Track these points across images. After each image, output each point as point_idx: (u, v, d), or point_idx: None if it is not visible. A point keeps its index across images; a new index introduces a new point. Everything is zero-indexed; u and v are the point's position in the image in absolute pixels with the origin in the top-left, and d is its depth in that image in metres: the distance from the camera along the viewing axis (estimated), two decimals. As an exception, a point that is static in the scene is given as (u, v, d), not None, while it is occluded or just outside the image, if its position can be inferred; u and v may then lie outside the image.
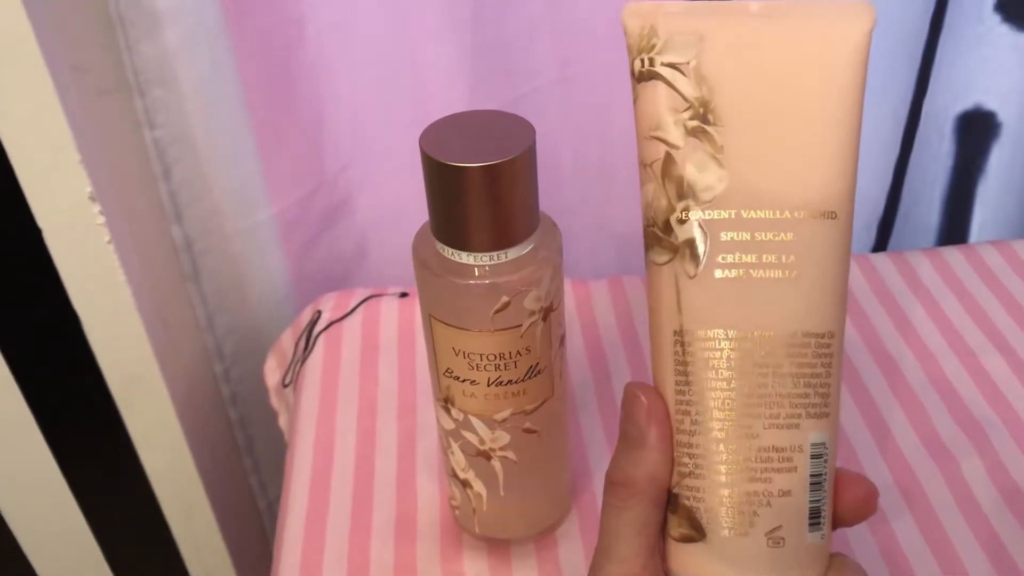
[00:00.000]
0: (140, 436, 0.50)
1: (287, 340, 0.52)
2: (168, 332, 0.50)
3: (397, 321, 0.49)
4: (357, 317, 0.50)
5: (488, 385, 0.33)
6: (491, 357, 0.32)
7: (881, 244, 0.57)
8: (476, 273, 0.31)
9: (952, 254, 0.50)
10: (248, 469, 0.61)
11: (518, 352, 0.33)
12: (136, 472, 0.52)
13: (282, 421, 0.51)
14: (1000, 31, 0.51)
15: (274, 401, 0.52)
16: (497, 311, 0.31)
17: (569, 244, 0.58)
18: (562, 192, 0.57)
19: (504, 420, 0.34)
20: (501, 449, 0.35)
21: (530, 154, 0.30)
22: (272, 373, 0.52)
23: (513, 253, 0.31)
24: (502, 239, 0.31)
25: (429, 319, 0.33)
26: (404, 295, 0.51)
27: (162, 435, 0.50)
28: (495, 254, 0.31)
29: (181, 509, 0.54)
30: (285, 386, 0.50)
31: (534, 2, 0.50)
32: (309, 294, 0.55)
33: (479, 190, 0.30)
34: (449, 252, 0.31)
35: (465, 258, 0.31)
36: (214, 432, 0.56)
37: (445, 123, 0.31)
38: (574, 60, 0.52)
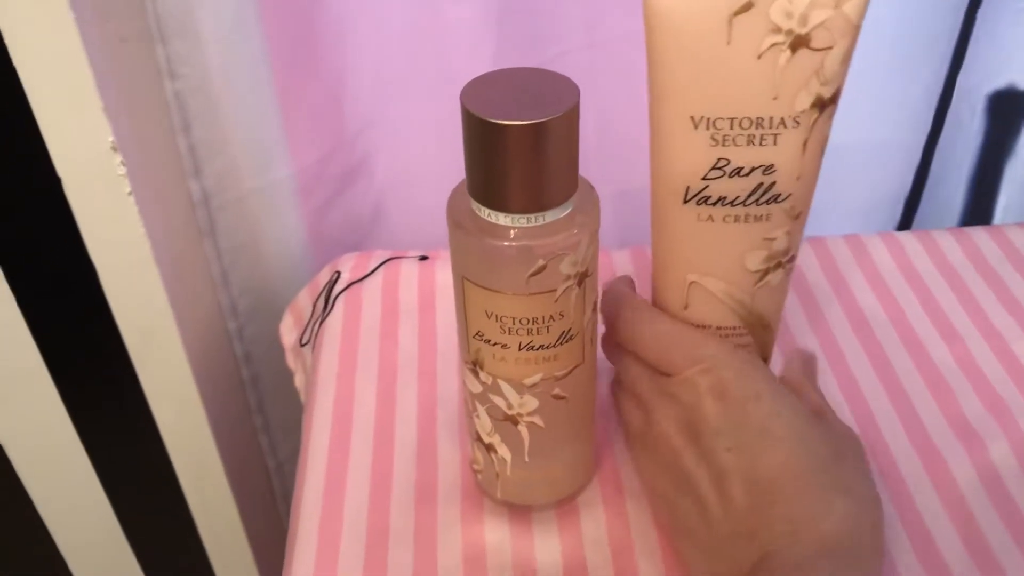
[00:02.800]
0: (153, 390, 0.50)
1: (304, 299, 0.51)
2: (184, 287, 0.49)
3: (417, 285, 0.49)
4: (377, 279, 0.49)
5: (519, 349, 0.33)
6: (524, 321, 0.32)
7: (906, 222, 0.57)
8: (512, 235, 0.30)
9: (979, 235, 0.50)
10: (259, 427, 0.61)
11: (551, 317, 0.32)
12: (148, 426, 0.51)
13: (298, 380, 0.50)
14: (1039, 9, 0.50)
15: (290, 360, 0.51)
16: (532, 274, 0.31)
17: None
18: (587, 160, 0.56)
19: (534, 385, 0.34)
20: (529, 414, 0.34)
21: (574, 114, 0.29)
22: (289, 332, 0.52)
23: (551, 216, 0.31)
24: (540, 201, 0.30)
25: (462, 281, 0.32)
26: (424, 258, 0.50)
27: (176, 390, 0.50)
28: (532, 216, 0.30)
29: (192, 465, 0.53)
30: (303, 345, 0.49)
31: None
32: (325, 255, 0.54)
33: (520, 149, 0.29)
34: (485, 212, 0.31)
35: (502, 219, 0.30)
36: (226, 390, 0.56)
37: (487, 79, 0.30)
38: (600, 26, 0.51)
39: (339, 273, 0.49)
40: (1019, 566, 0.35)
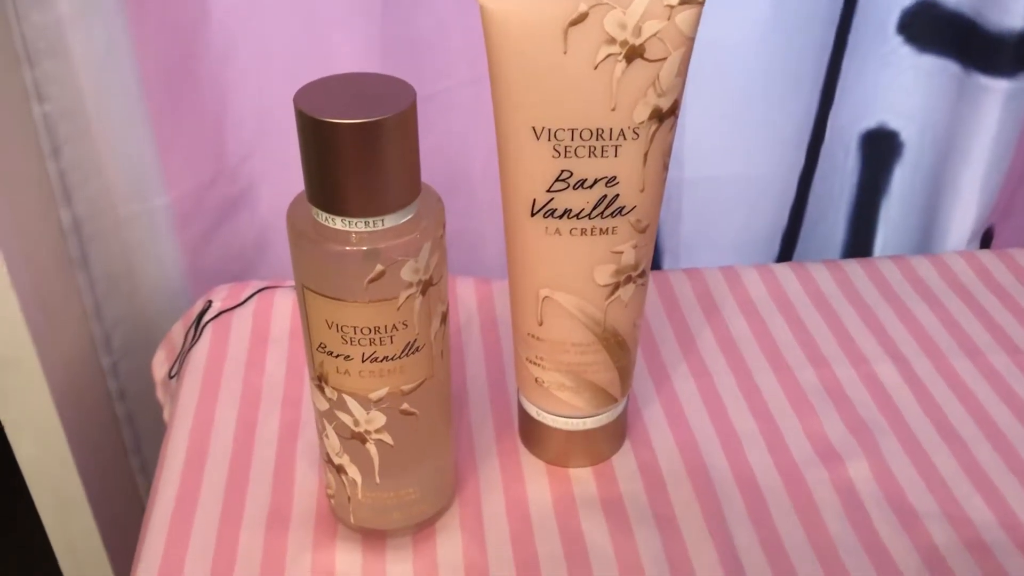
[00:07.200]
0: (12, 423, 0.48)
1: (177, 332, 0.50)
2: (49, 316, 0.48)
3: (290, 314, 0.48)
4: (249, 308, 0.48)
5: (362, 361, 0.32)
6: (365, 331, 0.31)
7: (786, 256, 0.58)
8: (351, 239, 0.30)
9: (851, 266, 0.51)
10: (135, 468, 0.58)
11: (394, 326, 0.31)
12: (7, 461, 0.49)
13: (166, 414, 0.49)
14: (903, 52, 0.52)
15: (160, 394, 0.50)
16: (371, 280, 0.30)
17: (477, 245, 0.57)
18: (474, 193, 0.56)
19: (380, 400, 0.33)
20: (376, 431, 0.34)
21: (409, 115, 0.29)
22: (160, 366, 0.50)
23: (391, 221, 0.30)
24: (378, 204, 0.30)
25: (303, 290, 0.32)
26: (301, 287, 0.49)
27: (37, 423, 0.48)
28: (371, 220, 0.30)
29: (55, 504, 0.51)
30: (171, 377, 0.48)
31: (444, 1, 0.50)
32: (204, 287, 0.53)
33: (354, 149, 0.29)
34: (324, 217, 0.30)
35: (340, 223, 0.30)
36: (98, 426, 0.54)
37: (323, 83, 0.30)
38: (485, 61, 0.52)
39: (211, 302, 0.48)
40: (872, 582, 0.35)
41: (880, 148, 0.55)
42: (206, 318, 0.47)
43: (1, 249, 0.43)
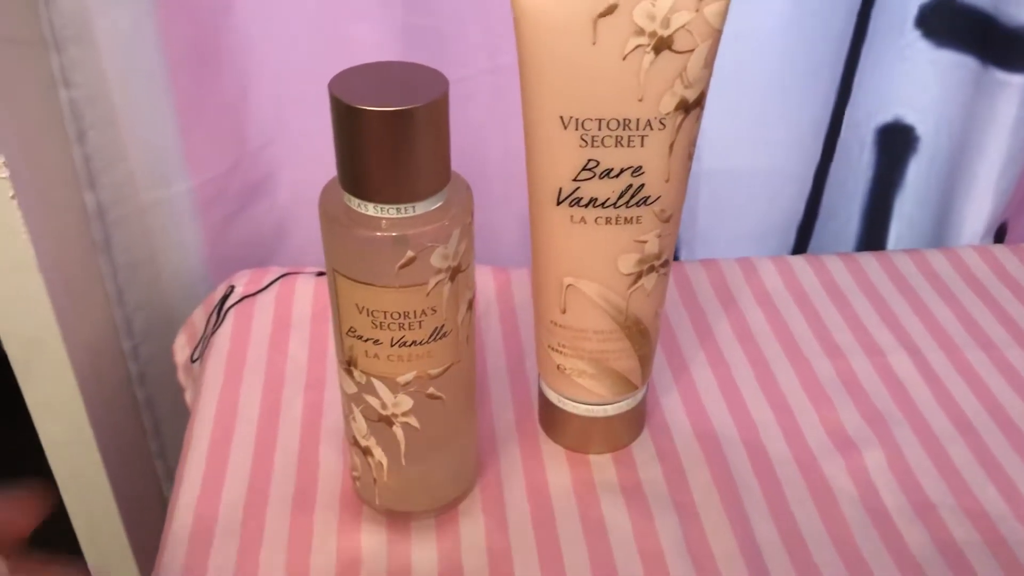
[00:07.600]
0: (38, 404, 0.48)
1: (199, 317, 0.50)
2: (74, 299, 0.48)
3: (312, 299, 0.48)
4: (271, 294, 0.49)
5: (391, 345, 0.32)
6: (395, 315, 0.32)
7: (801, 248, 0.58)
8: (382, 225, 0.31)
9: (866, 259, 0.51)
10: (154, 453, 0.59)
11: (423, 312, 0.32)
12: (32, 441, 0.50)
13: (188, 397, 0.49)
14: (920, 46, 0.52)
15: (181, 377, 0.50)
16: (402, 266, 0.31)
17: (495, 236, 0.58)
18: (490, 184, 0.57)
19: (407, 384, 0.33)
20: (404, 415, 0.34)
21: (441, 104, 0.30)
22: (182, 350, 0.51)
23: (421, 207, 0.31)
24: (409, 191, 0.30)
25: (333, 274, 0.32)
26: (321, 274, 0.50)
27: (61, 404, 0.48)
28: (402, 207, 0.30)
29: (77, 484, 0.51)
30: (193, 361, 0.48)
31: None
32: (225, 273, 0.53)
33: (386, 137, 0.29)
34: (355, 203, 0.31)
35: (371, 209, 0.31)
36: (118, 410, 0.54)
37: (357, 70, 0.31)
38: (503, 51, 0.52)
39: (232, 287, 0.49)
40: (887, 568, 0.35)
41: (896, 142, 0.56)
42: (229, 303, 0.48)
43: (29, 232, 0.44)
